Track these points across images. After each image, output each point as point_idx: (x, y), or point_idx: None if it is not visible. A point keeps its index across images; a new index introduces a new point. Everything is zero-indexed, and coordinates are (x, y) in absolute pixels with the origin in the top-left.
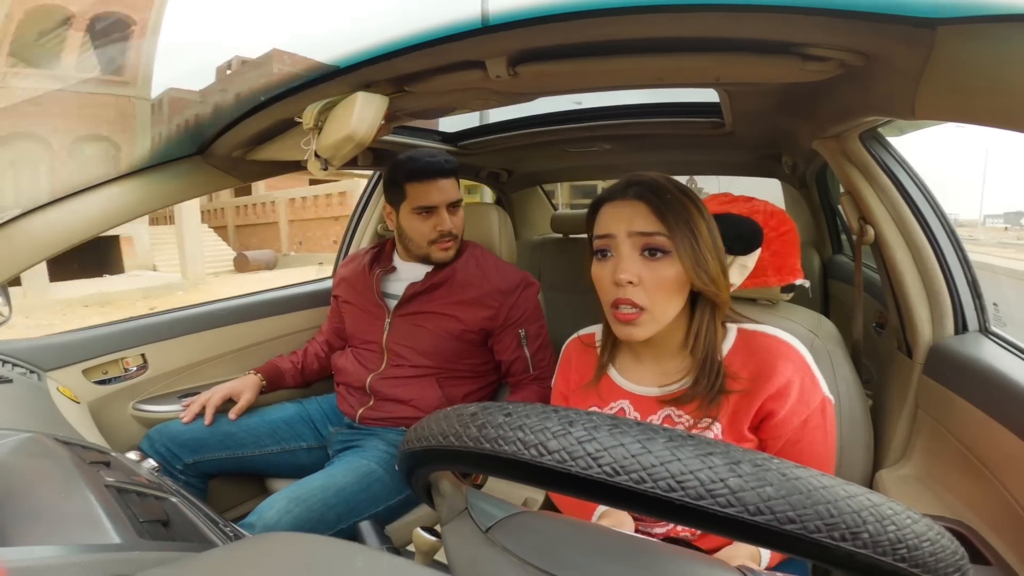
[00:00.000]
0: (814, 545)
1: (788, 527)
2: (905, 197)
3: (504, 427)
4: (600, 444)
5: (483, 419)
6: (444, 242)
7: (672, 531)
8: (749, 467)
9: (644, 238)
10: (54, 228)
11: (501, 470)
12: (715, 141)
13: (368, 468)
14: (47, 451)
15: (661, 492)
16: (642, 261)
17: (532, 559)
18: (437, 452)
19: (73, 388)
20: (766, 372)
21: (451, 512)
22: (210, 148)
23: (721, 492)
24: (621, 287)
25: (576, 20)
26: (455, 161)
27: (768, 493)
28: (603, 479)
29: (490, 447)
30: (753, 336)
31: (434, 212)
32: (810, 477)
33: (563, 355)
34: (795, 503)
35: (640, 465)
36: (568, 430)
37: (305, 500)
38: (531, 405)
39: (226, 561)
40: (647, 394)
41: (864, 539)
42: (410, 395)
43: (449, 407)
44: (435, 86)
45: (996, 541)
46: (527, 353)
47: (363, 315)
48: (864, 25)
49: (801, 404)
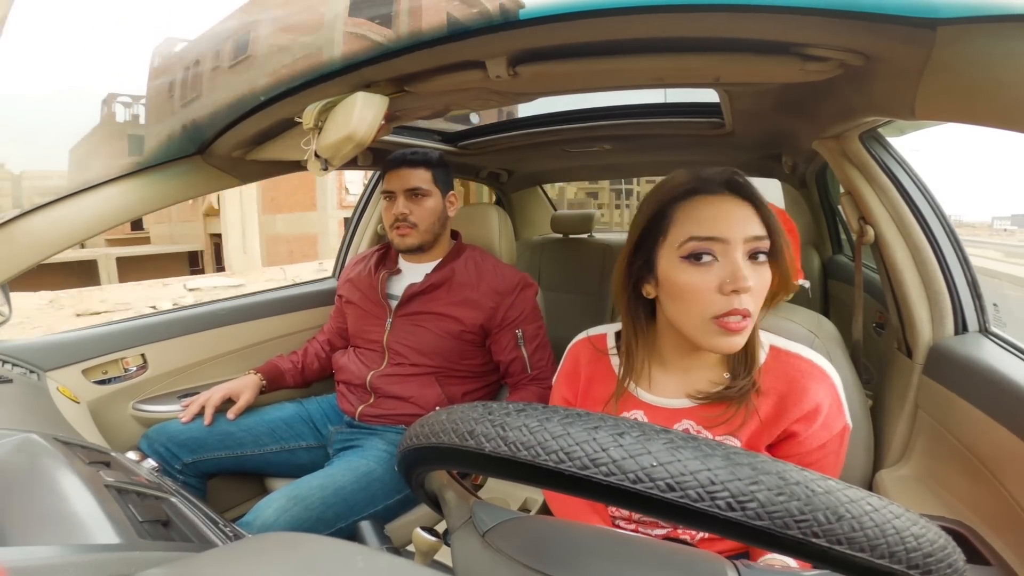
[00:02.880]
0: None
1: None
2: (905, 197)
3: (485, 423)
4: (572, 439)
5: (458, 415)
6: (399, 227)
7: (672, 532)
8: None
9: (756, 242)
10: (54, 228)
11: (485, 467)
12: (715, 141)
13: (367, 468)
14: (47, 451)
15: (628, 483)
16: (751, 265)
17: (527, 560)
18: (425, 451)
19: (73, 388)
20: (797, 394)
21: (457, 521)
22: (210, 148)
23: (661, 476)
24: (737, 296)
25: (576, 20)
26: (430, 156)
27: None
28: (573, 472)
29: (474, 443)
30: (787, 356)
31: (393, 198)
32: (763, 462)
33: (569, 355)
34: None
35: (610, 458)
36: (544, 426)
37: (304, 499)
38: (518, 403)
39: (226, 561)
40: (668, 405)
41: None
42: (410, 392)
43: (445, 407)
44: (435, 86)
45: (996, 541)
46: (524, 353)
47: (365, 315)
48: (864, 25)
49: (824, 429)
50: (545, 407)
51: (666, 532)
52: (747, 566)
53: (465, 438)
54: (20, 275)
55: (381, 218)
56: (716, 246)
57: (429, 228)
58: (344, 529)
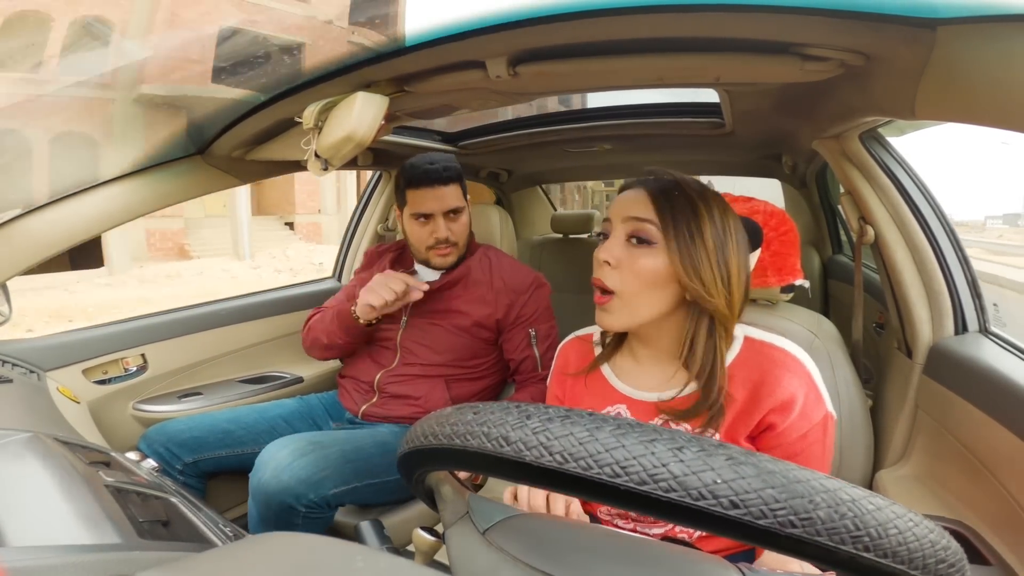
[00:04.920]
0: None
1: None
2: (905, 197)
3: (472, 423)
4: (628, 452)
5: (488, 417)
6: (441, 249)
7: (670, 531)
8: (692, 453)
9: (634, 223)
10: (54, 228)
11: (519, 475)
12: (715, 141)
13: (385, 439)
14: (47, 451)
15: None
16: (626, 246)
17: (528, 559)
18: (444, 452)
19: (73, 388)
20: (770, 384)
21: (453, 516)
22: (210, 148)
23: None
24: (599, 267)
25: (576, 20)
26: (457, 168)
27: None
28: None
29: (459, 442)
30: (760, 346)
31: (431, 219)
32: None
33: (560, 354)
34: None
35: (587, 451)
36: (524, 422)
37: (325, 446)
38: (559, 408)
39: (226, 561)
40: (645, 399)
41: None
42: (417, 393)
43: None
44: (435, 86)
45: (996, 541)
46: (536, 353)
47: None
48: (864, 25)
49: (803, 419)
50: (591, 415)
51: (664, 531)
52: (750, 568)
53: (500, 444)
54: (20, 275)
55: (382, 218)
56: (606, 225)
57: (464, 241)
58: (359, 489)
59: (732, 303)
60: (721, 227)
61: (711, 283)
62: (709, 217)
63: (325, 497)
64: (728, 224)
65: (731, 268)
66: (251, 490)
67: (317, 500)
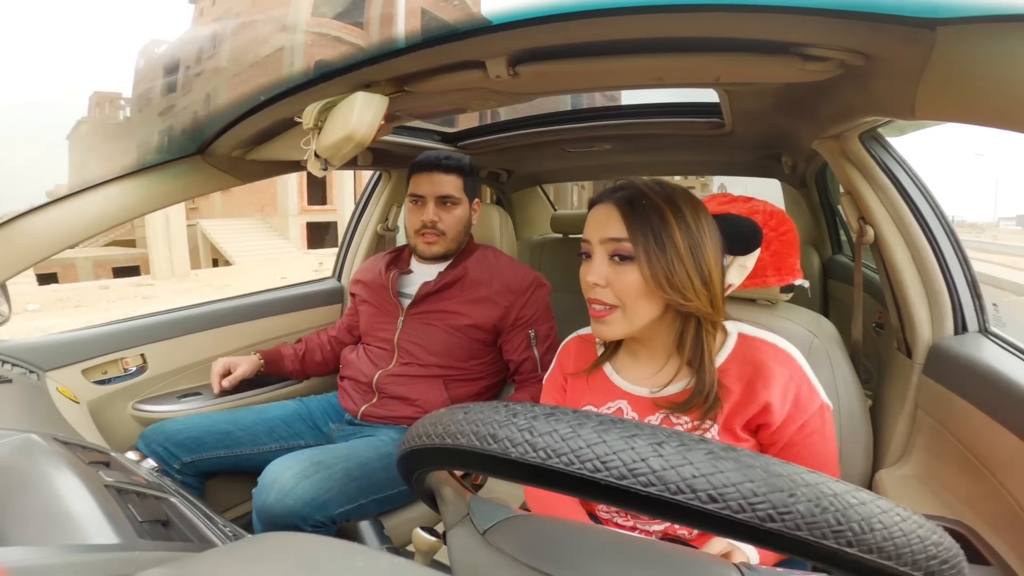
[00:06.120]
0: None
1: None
2: (905, 197)
3: (462, 422)
4: (608, 447)
5: (477, 416)
6: (427, 235)
7: (669, 530)
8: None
9: (613, 244)
10: (54, 228)
11: (506, 472)
12: (715, 141)
13: (387, 449)
14: (46, 451)
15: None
16: (611, 265)
17: (528, 559)
18: (437, 452)
19: (72, 388)
20: (762, 379)
21: (454, 517)
22: (210, 148)
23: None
24: (591, 288)
25: (576, 20)
26: (461, 161)
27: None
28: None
29: (450, 441)
30: (752, 341)
31: (422, 203)
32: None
33: (562, 350)
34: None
35: (569, 447)
36: (511, 420)
37: (328, 466)
38: (545, 407)
39: (226, 561)
40: (644, 394)
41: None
42: (416, 394)
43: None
44: (435, 86)
45: (996, 541)
46: (536, 354)
47: (378, 313)
48: (864, 25)
49: (798, 410)
50: (575, 412)
51: (664, 529)
52: (750, 567)
53: (488, 441)
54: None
55: (382, 218)
56: (587, 246)
57: (456, 237)
58: (364, 506)
59: (715, 299)
60: (695, 228)
61: (687, 288)
62: (679, 221)
63: (331, 516)
64: (701, 223)
65: (710, 267)
66: (255, 511)
67: (323, 520)
